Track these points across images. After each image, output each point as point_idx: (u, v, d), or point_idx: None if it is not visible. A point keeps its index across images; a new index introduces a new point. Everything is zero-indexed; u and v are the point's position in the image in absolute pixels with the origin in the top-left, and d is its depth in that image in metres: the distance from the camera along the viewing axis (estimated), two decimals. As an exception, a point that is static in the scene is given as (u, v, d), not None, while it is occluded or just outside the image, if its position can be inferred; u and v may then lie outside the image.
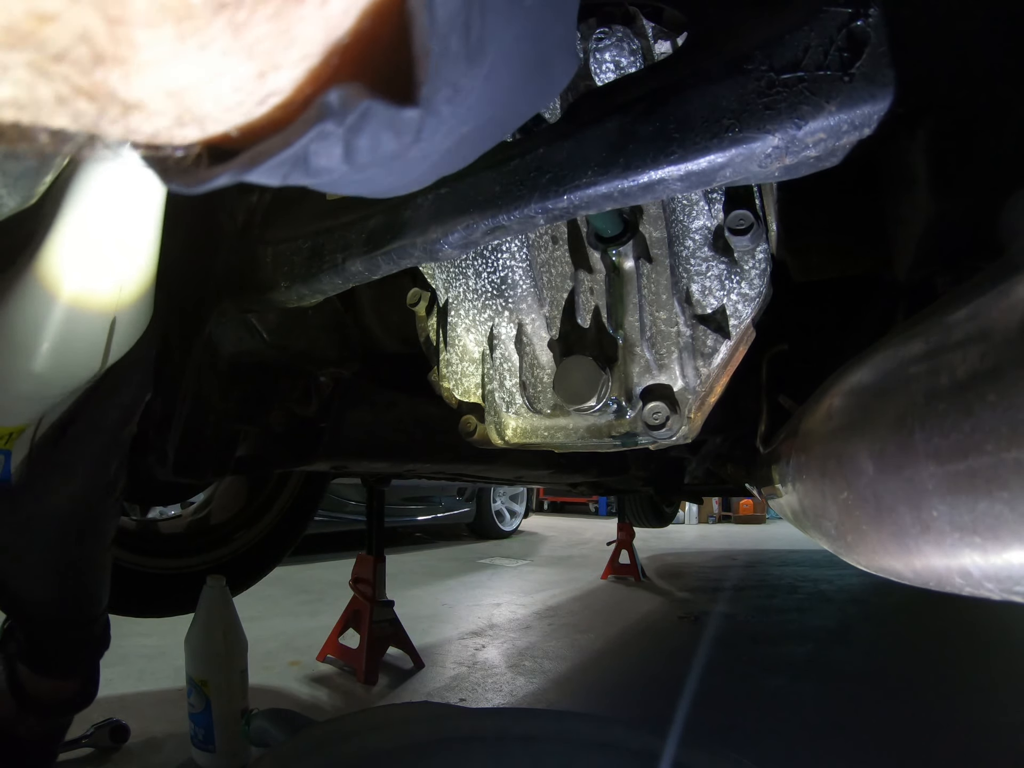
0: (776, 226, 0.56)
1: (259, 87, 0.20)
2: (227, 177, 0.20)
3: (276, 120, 0.21)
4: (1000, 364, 0.23)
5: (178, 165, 0.21)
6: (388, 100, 0.20)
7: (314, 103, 0.19)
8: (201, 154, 0.21)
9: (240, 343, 0.82)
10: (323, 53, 0.20)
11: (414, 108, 0.20)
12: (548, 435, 0.65)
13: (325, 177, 0.22)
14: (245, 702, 1.32)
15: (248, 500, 1.70)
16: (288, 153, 0.20)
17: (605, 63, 0.55)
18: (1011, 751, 1.42)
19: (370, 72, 0.20)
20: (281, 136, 0.20)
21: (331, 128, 0.19)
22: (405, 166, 0.26)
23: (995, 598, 0.29)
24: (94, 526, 0.70)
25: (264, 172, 0.20)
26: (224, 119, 0.20)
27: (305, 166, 0.21)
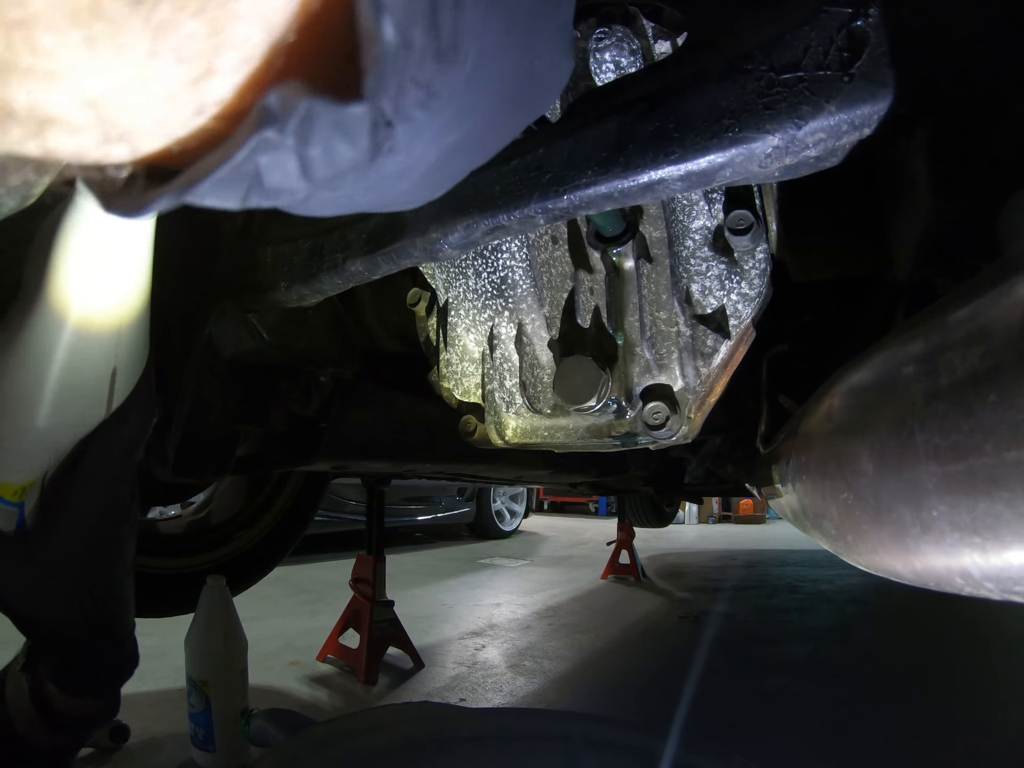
0: (776, 226, 0.56)
1: (194, 96, 0.18)
2: (167, 200, 0.18)
3: (219, 133, 0.18)
4: (1000, 364, 0.23)
5: (118, 188, 0.19)
6: (330, 96, 0.17)
7: (253, 109, 0.17)
8: (136, 175, 0.19)
9: (240, 343, 0.82)
10: (265, 54, 0.18)
11: (359, 103, 0.18)
12: (548, 435, 0.65)
13: (288, 197, 0.20)
14: (245, 702, 1.32)
15: (248, 500, 1.70)
16: (229, 169, 0.17)
17: (605, 63, 0.55)
18: (1011, 751, 1.42)
19: (321, 73, 0.18)
20: (221, 150, 0.18)
21: (273, 136, 0.17)
22: (384, 181, 0.23)
23: (995, 598, 0.29)
24: (113, 553, 0.70)
25: (213, 193, 0.18)
26: (156, 134, 0.18)
27: (260, 185, 0.18)
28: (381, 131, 0.19)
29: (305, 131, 0.17)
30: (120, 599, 0.74)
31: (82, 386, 0.53)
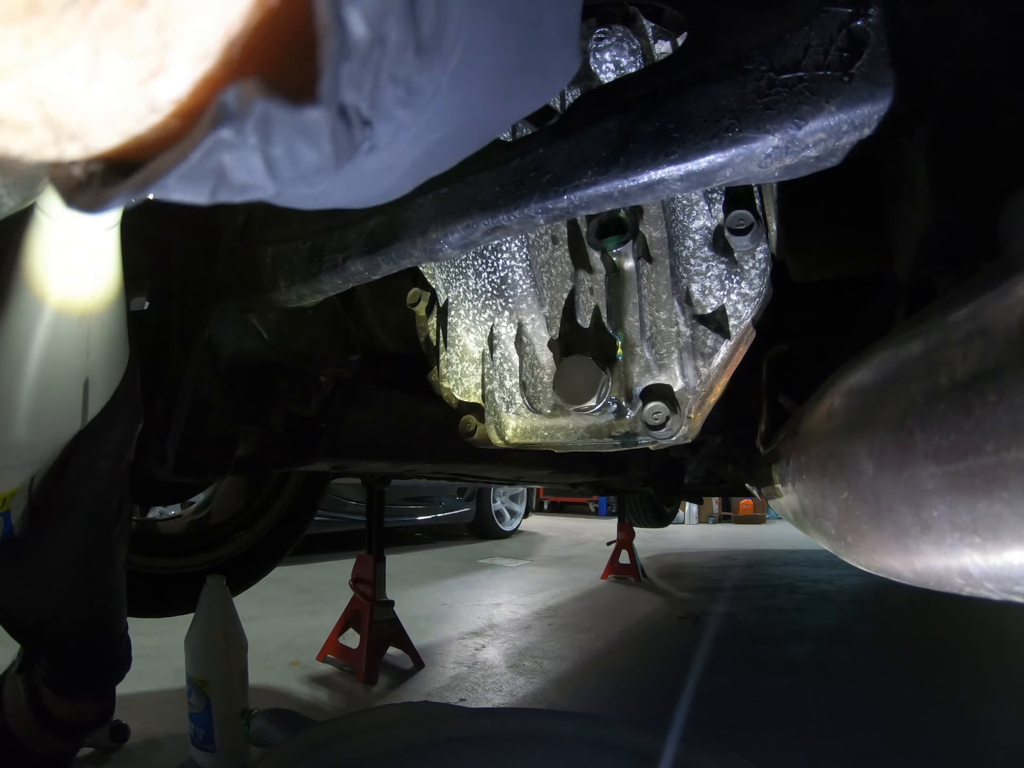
0: (776, 226, 0.56)
1: (145, 93, 0.17)
2: (125, 196, 0.18)
3: (178, 130, 0.18)
4: (1000, 364, 0.23)
5: (77, 184, 0.18)
6: (285, 98, 0.16)
7: (210, 107, 0.16)
8: (95, 172, 0.18)
9: (240, 343, 0.82)
10: (221, 50, 0.17)
11: (314, 107, 0.17)
12: (548, 435, 0.65)
13: (257, 193, 0.19)
14: (245, 702, 1.32)
15: (248, 500, 1.70)
16: (188, 167, 0.17)
17: (605, 63, 0.55)
18: (1012, 751, 1.42)
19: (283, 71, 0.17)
20: (177, 148, 0.17)
21: (230, 136, 0.16)
22: (365, 178, 0.23)
23: (995, 598, 0.29)
24: (104, 557, 0.70)
25: (179, 188, 0.18)
26: (109, 132, 0.18)
27: (227, 181, 0.18)
28: (357, 131, 0.18)
29: (265, 131, 0.17)
30: (112, 601, 0.74)
31: (55, 399, 0.53)
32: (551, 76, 0.29)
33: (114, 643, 0.75)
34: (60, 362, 0.52)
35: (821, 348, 0.81)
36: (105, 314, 0.53)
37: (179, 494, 1.44)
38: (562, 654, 2.10)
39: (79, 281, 0.50)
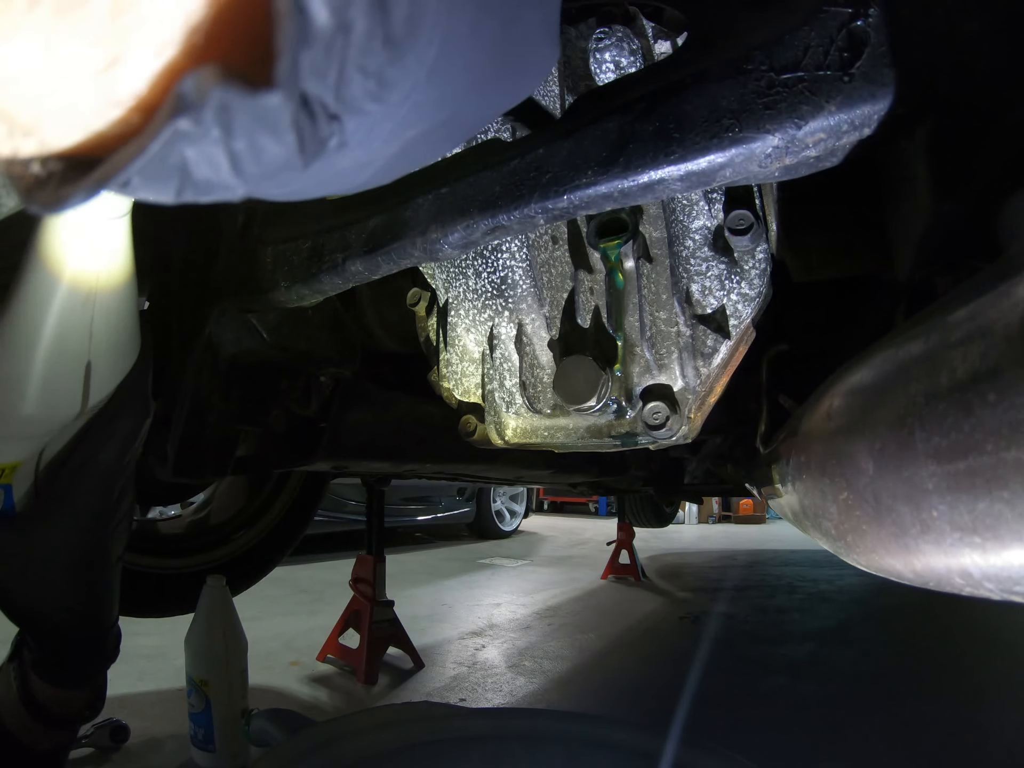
0: (776, 226, 0.56)
1: (103, 86, 0.16)
2: (84, 194, 0.17)
3: (138, 125, 0.17)
4: (1000, 364, 0.23)
5: (37, 182, 0.17)
6: (241, 83, 0.16)
7: (168, 96, 0.16)
8: (53, 171, 0.17)
9: (240, 343, 0.82)
10: (183, 38, 0.16)
11: (270, 92, 0.16)
12: (548, 435, 0.65)
13: (223, 193, 0.18)
14: (245, 702, 1.32)
15: (248, 500, 1.70)
16: (147, 161, 0.16)
17: (605, 63, 0.55)
18: (1012, 751, 1.42)
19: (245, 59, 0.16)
20: (136, 141, 0.16)
21: (188, 126, 0.15)
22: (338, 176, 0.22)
23: (995, 598, 0.29)
24: (102, 549, 0.70)
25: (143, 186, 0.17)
26: (66, 127, 0.17)
27: (191, 179, 0.17)
28: (323, 125, 0.18)
29: (226, 121, 0.16)
30: (107, 593, 0.75)
31: (56, 377, 0.54)
32: (530, 72, 0.28)
33: (102, 633, 0.75)
34: (63, 341, 0.52)
35: (821, 348, 0.81)
36: (111, 300, 0.53)
37: (179, 494, 1.44)
38: (562, 654, 2.10)
39: (84, 265, 0.50)
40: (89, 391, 0.55)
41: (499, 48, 0.23)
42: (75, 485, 0.63)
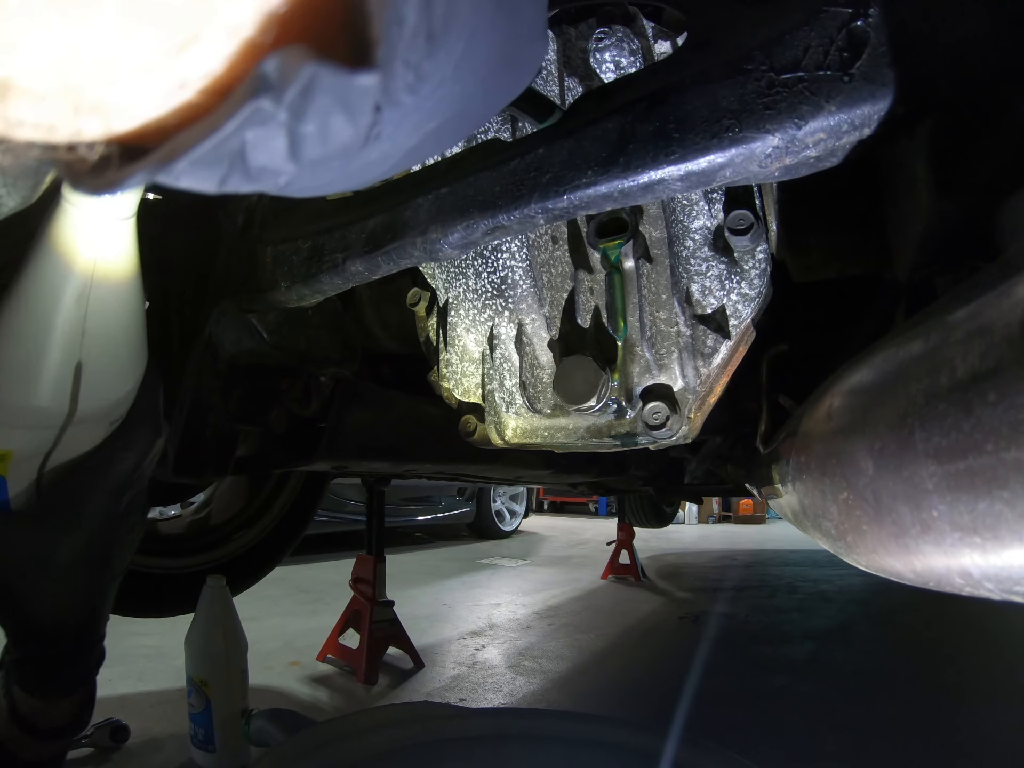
0: (776, 226, 0.56)
1: (176, 65, 0.16)
2: (142, 176, 0.16)
3: (205, 110, 0.17)
4: (1000, 364, 0.23)
5: (88, 166, 0.17)
6: (339, 64, 0.16)
7: (248, 76, 0.15)
8: (108, 156, 0.17)
9: (240, 343, 0.82)
10: (259, 20, 0.16)
11: (370, 72, 0.16)
12: (548, 435, 0.65)
13: (269, 181, 0.18)
14: (245, 702, 1.32)
15: (248, 500, 1.70)
16: (215, 143, 0.16)
17: (605, 63, 0.55)
18: (1012, 751, 1.42)
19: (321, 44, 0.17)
20: (207, 120, 0.16)
21: (268, 107, 0.15)
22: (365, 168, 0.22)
23: (995, 598, 0.29)
24: (103, 560, 0.69)
25: (190, 172, 0.17)
26: (133, 108, 0.16)
27: (243, 165, 0.17)
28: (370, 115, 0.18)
29: (302, 104, 0.16)
30: (101, 601, 0.74)
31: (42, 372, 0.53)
32: (524, 68, 0.28)
33: (89, 644, 0.74)
34: (52, 336, 0.52)
35: (821, 348, 0.81)
36: (108, 302, 0.53)
37: (179, 494, 1.44)
38: (562, 654, 2.10)
39: (80, 262, 0.50)
40: (79, 392, 0.54)
41: (505, 45, 0.24)
42: (82, 493, 0.63)
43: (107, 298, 0.53)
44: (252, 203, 0.75)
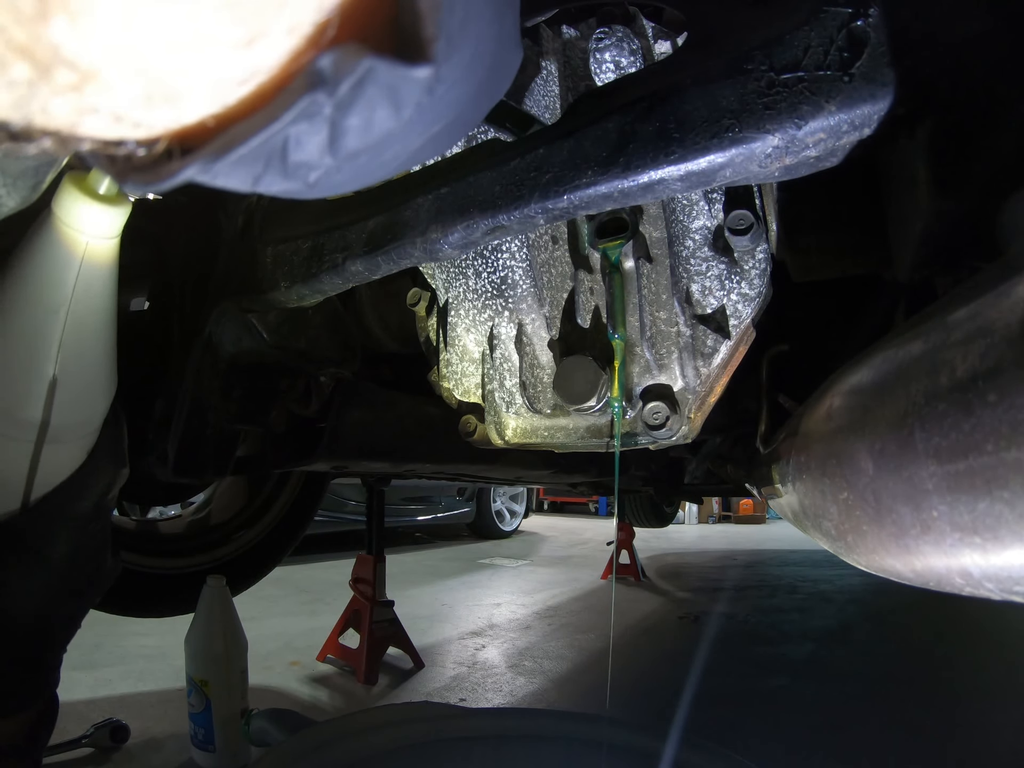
0: (776, 226, 0.56)
1: (243, 60, 0.16)
2: (195, 169, 0.17)
3: (261, 105, 0.17)
4: (1000, 364, 0.23)
5: (138, 161, 0.18)
6: (394, 58, 0.17)
7: (303, 71, 0.16)
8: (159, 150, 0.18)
9: (240, 343, 0.82)
10: (317, 18, 0.17)
11: (426, 65, 0.17)
12: (548, 435, 0.65)
13: (301, 179, 0.19)
14: (245, 702, 1.32)
15: (248, 500, 1.70)
16: (268, 136, 0.16)
17: (605, 63, 0.55)
18: (1011, 751, 1.42)
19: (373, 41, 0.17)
20: (264, 112, 0.17)
21: (322, 100, 0.16)
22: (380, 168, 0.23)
23: (995, 598, 0.29)
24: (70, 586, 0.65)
25: (232, 169, 0.17)
26: (202, 99, 0.17)
27: (282, 161, 0.18)
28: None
29: (351, 98, 0.17)
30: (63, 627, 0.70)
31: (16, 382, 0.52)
32: (505, 76, 0.29)
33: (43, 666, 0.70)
34: (30, 348, 0.51)
35: (821, 348, 0.81)
36: (85, 320, 0.52)
37: (179, 494, 1.44)
38: (562, 654, 2.10)
39: (60, 275, 0.50)
40: (52, 406, 0.53)
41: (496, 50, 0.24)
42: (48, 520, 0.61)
43: (85, 317, 0.52)
44: (252, 203, 0.75)
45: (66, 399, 0.54)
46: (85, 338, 0.53)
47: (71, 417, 0.56)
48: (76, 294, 0.50)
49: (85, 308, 0.52)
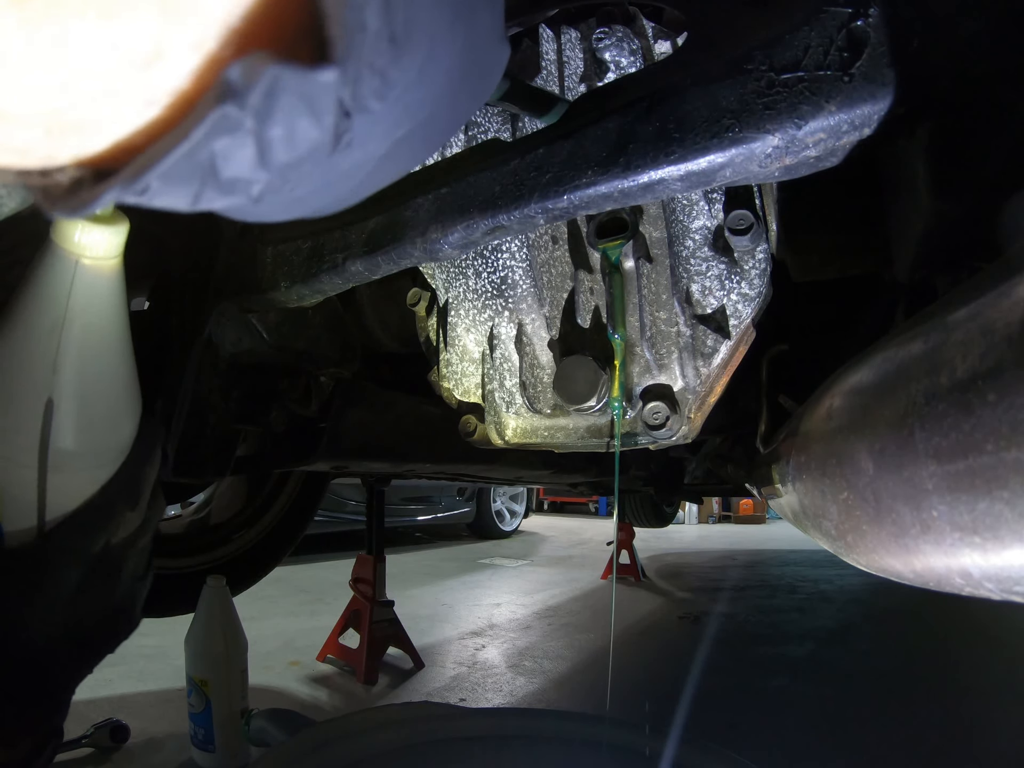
0: (776, 226, 0.56)
1: (143, 81, 0.16)
2: (113, 194, 0.17)
3: (171, 123, 0.17)
4: (1000, 364, 0.23)
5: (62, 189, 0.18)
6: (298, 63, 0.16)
7: (213, 84, 0.16)
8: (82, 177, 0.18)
9: (240, 343, 0.82)
10: (220, 34, 0.16)
11: (329, 67, 0.17)
12: (548, 435, 0.65)
13: (242, 193, 0.19)
14: (245, 702, 1.32)
15: (248, 500, 1.70)
16: (184, 153, 0.16)
17: (605, 63, 0.55)
18: (1011, 751, 1.42)
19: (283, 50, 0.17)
20: (175, 131, 0.16)
21: (234, 112, 0.16)
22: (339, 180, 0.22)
23: (995, 598, 0.29)
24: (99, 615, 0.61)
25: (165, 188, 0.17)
26: (104, 127, 0.17)
27: (215, 177, 0.17)
28: (341, 121, 0.18)
29: (267, 107, 0.16)
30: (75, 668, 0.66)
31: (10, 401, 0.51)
32: (488, 75, 0.28)
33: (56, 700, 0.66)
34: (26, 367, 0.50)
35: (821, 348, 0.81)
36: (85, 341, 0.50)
37: (179, 494, 1.44)
38: (562, 654, 2.10)
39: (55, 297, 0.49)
40: (48, 431, 0.52)
41: (466, 52, 0.24)
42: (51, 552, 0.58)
43: (89, 339, 0.51)
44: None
45: (68, 424, 0.52)
46: (89, 361, 0.51)
47: (76, 444, 0.54)
48: (72, 315, 0.49)
49: (88, 330, 0.50)
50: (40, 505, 0.55)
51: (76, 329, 0.50)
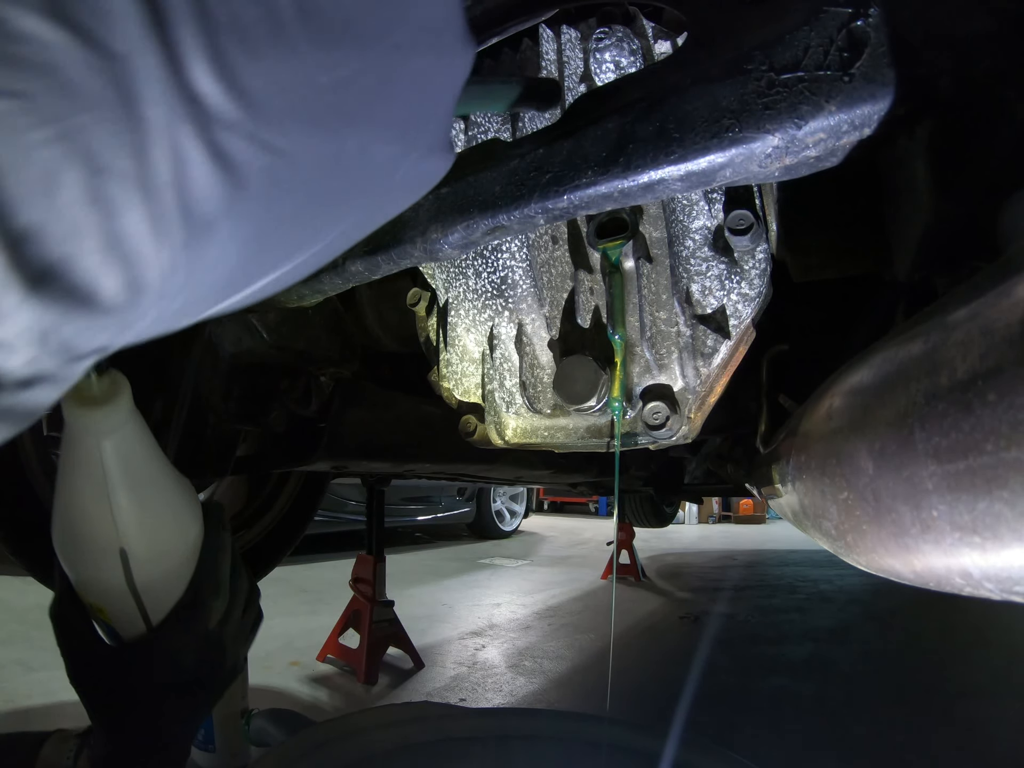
0: (776, 226, 0.56)
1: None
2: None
3: None
4: (1000, 364, 0.23)
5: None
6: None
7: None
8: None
9: (240, 343, 0.82)
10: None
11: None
12: (548, 435, 0.65)
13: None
14: (245, 702, 1.32)
15: (248, 500, 1.70)
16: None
17: (605, 63, 0.55)
18: (1011, 751, 1.42)
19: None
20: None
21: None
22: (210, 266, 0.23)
23: (995, 598, 0.29)
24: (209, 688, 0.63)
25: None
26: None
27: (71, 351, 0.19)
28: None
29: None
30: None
31: (94, 560, 0.53)
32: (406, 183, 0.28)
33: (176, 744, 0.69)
34: (92, 530, 0.52)
35: (821, 348, 0.81)
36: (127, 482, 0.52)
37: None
38: (562, 654, 2.10)
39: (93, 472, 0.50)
40: (131, 575, 0.53)
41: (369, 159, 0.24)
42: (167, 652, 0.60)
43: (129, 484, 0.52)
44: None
45: (143, 558, 0.53)
46: (142, 501, 0.53)
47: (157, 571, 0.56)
48: (112, 477, 0.50)
49: (129, 474, 0.52)
50: (144, 615, 0.58)
51: (118, 482, 0.52)
